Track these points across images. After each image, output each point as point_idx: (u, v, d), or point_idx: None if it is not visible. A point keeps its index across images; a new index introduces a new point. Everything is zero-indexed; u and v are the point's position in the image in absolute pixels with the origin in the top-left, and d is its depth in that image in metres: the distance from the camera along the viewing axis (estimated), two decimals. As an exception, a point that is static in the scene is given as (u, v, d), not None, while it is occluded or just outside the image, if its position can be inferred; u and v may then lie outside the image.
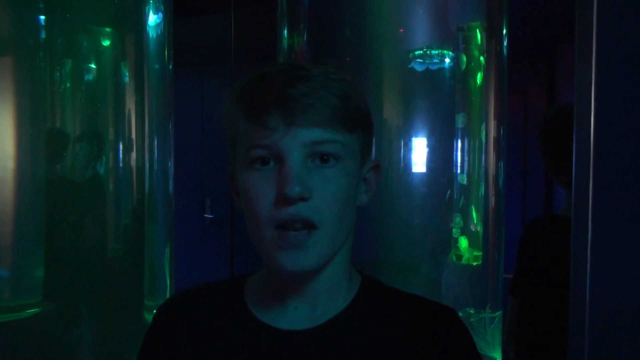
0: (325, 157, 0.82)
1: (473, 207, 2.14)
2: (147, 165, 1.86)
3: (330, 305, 0.88)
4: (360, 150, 0.87)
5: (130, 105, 1.85)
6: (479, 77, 2.47)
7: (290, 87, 0.81)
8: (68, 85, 1.63)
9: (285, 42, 2.86)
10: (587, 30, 0.75)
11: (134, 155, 1.81)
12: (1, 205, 1.39)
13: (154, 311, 1.96)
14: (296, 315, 0.88)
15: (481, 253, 2.06)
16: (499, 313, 2.04)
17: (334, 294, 0.88)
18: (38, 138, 1.45)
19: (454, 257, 1.99)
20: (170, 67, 2.14)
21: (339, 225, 0.83)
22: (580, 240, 0.78)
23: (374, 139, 0.92)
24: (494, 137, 2.48)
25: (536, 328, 1.67)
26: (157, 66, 2.04)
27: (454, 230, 1.96)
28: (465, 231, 2.05)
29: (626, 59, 0.73)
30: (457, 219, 1.98)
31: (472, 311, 1.93)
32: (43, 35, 1.49)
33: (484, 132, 2.36)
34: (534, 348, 1.70)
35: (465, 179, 2.14)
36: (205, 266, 4.97)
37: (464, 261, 1.99)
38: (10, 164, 1.36)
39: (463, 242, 1.99)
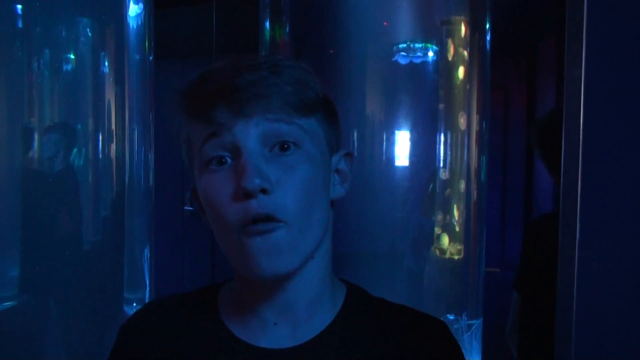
0: (285, 145, 0.75)
1: (454, 201, 2.15)
2: (127, 156, 1.84)
3: (313, 320, 0.80)
4: (325, 137, 0.80)
5: (110, 96, 1.82)
6: (462, 71, 2.48)
7: (235, 76, 0.76)
8: (46, 76, 1.59)
9: (267, 34, 2.84)
10: (577, 25, 0.74)
11: (113, 146, 1.78)
12: None
13: (134, 304, 1.96)
14: (277, 332, 0.80)
15: (463, 247, 2.07)
16: (477, 321, 2.04)
17: (316, 306, 0.80)
18: (14, 130, 1.42)
19: (437, 251, 2.00)
20: (151, 58, 2.11)
21: (307, 219, 0.75)
22: (569, 238, 0.77)
23: (340, 129, 0.85)
24: (476, 131, 2.48)
25: (539, 324, 1.67)
26: (137, 57, 2.01)
27: (435, 228, 1.96)
28: (446, 226, 2.05)
29: (616, 55, 0.73)
30: (439, 216, 1.99)
31: (451, 317, 1.94)
32: (20, 25, 1.45)
33: (460, 123, 2.36)
34: (536, 344, 1.70)
35: (447, 174, 2.14)
36: (184, 259, 4.94)
37: (446, 255, 2.00)
38: None
39: (444, 240, 2.00)
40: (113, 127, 1.81)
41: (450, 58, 2.49)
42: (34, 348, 1.36)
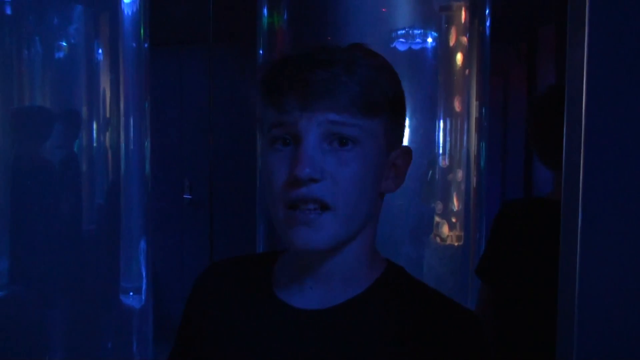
0: (344, 141, 0.83)
1: (454, 188, 2.14)
2: (122, 145, 1.82)
3: (345, 289, 0.88)
4: (386, 136, 0.86)
5: (105, 84, 1.80)
6: (461, 57, 2.45)
7: (308, 71, 0.82)
8: (38, 64, 1.57)
9: (265, 21, 2.81)
10: (579, 7, 0.73)
11: (108, 134, 1.76)
12: None
13: (131, 293, 1.95)
14: (311, 295, 0.88)
15: (462, 233, 2.06)
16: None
17: (350, 278, 0.88)
18: (4, 118, 1.40)
19: (437, 238, 1.99)
20: (147, 45, 2.09)
21: (353, 209, 0.83)
22: (570, 226, 0.76)
23: (403, 126, 0.92)
24: (475, 118, 2.46)
25: (511, 314, 1.63)
26: (133, 45, 1.99)
27: (434, 215, 1.95)
28: (446, 213, 2.04)
29: (619, 39, 0.71)
30: (439, 204, 1.97)
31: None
32: (9, 11, 1.43)
33: (455, 105, 2.34)
34: (508, 335, 1.66)
35: (446, 161, 2.13)
36: (184, 248, 4.94)
37: (446, 243, 1.99)
38: None
39: (444, 227, 1.98)
40: (108, 115, 1.79)
41: (449, 44, 2.47)
42: (28, 338, 1.36)
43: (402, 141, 0.92)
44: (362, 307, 0.86)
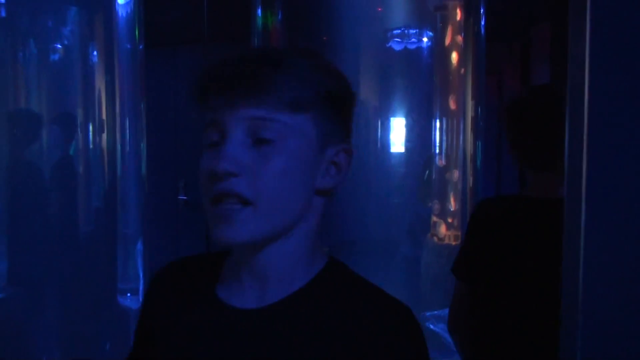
0: (266, 136, 0.81)
1: (450, 188, 2.14)
2: (118, 146, 1.81)
3: (282, 287, 0.86)
4: (319, 132, 0.85)
5: (100, 85, 1.79)
6: (456, 56, 2.45)
7: (235, 67, 0.82)
8: (33, 66, 1.56)
9: (259, 21, 2.81)
10: (580, 4, 0.72)
11: (104, 136, 1.76)
12: None
13: (128, 294, 1.94)
14: (249, 294, 0.87)
15: (460, 233, 2.05)
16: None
17: (285, 276, 0.87)
18: (1, 121, 1.40)
19: (434, 238, 1.98)
20: (141, 47, 2.08)
21: (276, 204, 0.82)
22: (574, 224, 0.76)
23: (345, 122, 0.88)
24: (471, 117, 2.46)
25: (490, 313, 1.62)
26: (128, 46, 1.98)
27: (432, 216, 1.95)
28: (442, 213, 2.04)
29: (620, 33, 0.71)
30: (435, 203, 1.97)
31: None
32: (3, 14, 1.42)
33: (450, 103, 2.34)
34: (488, 334, 1.64)
35: (443, 160, 2.13)
36: (180, 248, 4.92)
37: (443, 242, 1.98)
38: None
39: (441, 226, 1.98)
40: (104, 116, 1.78)
41: (444, 43, 2.47)
42: (28, 338, 1.36)
43: (344, 138, 0.89)
44: (297, 305, 0.85)
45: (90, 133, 1.69)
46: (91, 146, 1.66)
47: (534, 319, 1.49)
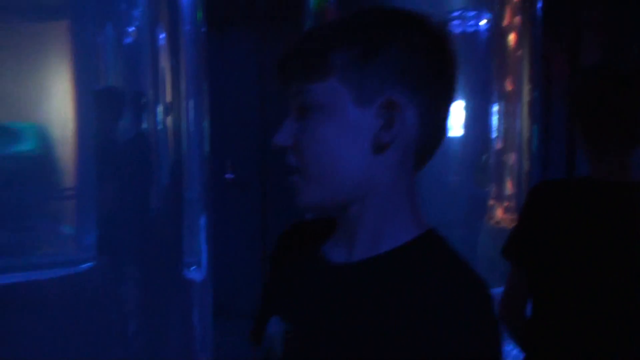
0: (306, 109, 0.86)
1: (507, 171, 2.14)
2: (183, 125, 1.87)
3: (367, 247, 0.89)
4: (352, 94, 0.84)
5: (167, 67, 1.85)
6: (514, 39, 2.44)
7: (290, 46, 0.88)
8: (107, 48, 1.63)
9: (312, 1, 2.83)
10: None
11: (171, 116, 1.82)
12: (63, 167, 1.42)
13: (193, 267, 2.01)
14: (342, 250, 0.91)
15: (516, 216, 2.06)
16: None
17: (371, 237, 0.89)
18: (89, 100, 1.47)
19: (490, 221, 2.00)
20: (204, 29, 2.13)
21: (324, 171, 0.86)
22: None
23: (389, 73, 0.84)
24: (528, 101, 2.45)
25: (547, 298, 1.58)
26: (191, 27, 2.03)
27: (488, 198, 1.96)
28: (500, 196, 2.05)
29: None
30: (492, 187, 1.98)
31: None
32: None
33: (507, 86, 2.33)
34: (544, 319, 1.60)
35: (500, 144, 2.13)
36: (228, 228, 5.01)
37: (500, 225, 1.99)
38: (70, 125, 1.38)
39: (497, 210, 1.99)
40: (170, 97, 1.84)
41: (503, 26, 2.45)
42: (106, 309, 1.44)
43: (383, 93, 0.85)
44: (376, 266, 0.87)
45: (158, 113, 1.75)
46: (160, 126, 1.72)
47: (602, 305, 1.47)
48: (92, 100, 1.45)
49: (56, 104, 1.41)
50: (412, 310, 0.81)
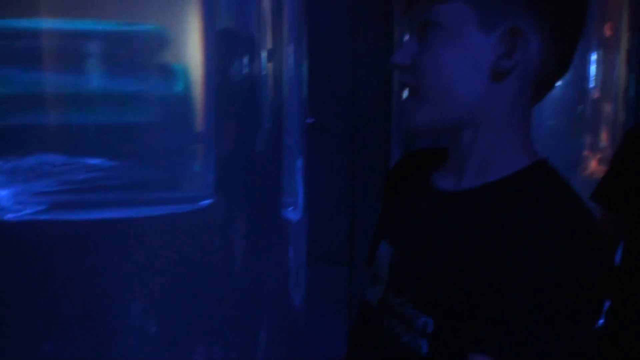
0: (427, 27, 0.87)
1: (603, 122, 2.12)
2: (284, 70, 1.93)
3: (476, 175, 0.89)
4: (475, 17, 0.84)
5: (270, 12, 1.90)
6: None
7: None
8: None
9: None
10: None
11: (272, 61, 1.88)
12: (197, 108, 1.54)
13: (291, 208, 2.11)
14: (450, 178, 0.92)
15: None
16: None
17: (480, 165, 0.89)
18: (212, 42, 1.56)
19: (585, 172, 1.99)
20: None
21: (438, 92, 0.86)
22: None
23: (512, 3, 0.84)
24: (626, 49, 2.38)
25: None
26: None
27: (584, 150, 1.94)
28: (595, 147, 2.03)
29: None
30: (589, 140, 1.96)
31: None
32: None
33: (605, 32, 2.25)
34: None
35: (597, 93, 2.10)
36: (311, 171, 5.07)
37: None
38: (199, 68, 1.48)
39: (592, 161, 1.97)
40: (272, 42, 1.90)
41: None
42: (224, 240, 1.57)
43: (508, 20, 0.84)
44: (484, 194, 0.87)
45: (262, 58, 1.82)
46: (264, 72, 1.79)
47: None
48: (214, 43, 1.53)
49: (192, 46, 1.49)
50: (518, 238, 0.80)
